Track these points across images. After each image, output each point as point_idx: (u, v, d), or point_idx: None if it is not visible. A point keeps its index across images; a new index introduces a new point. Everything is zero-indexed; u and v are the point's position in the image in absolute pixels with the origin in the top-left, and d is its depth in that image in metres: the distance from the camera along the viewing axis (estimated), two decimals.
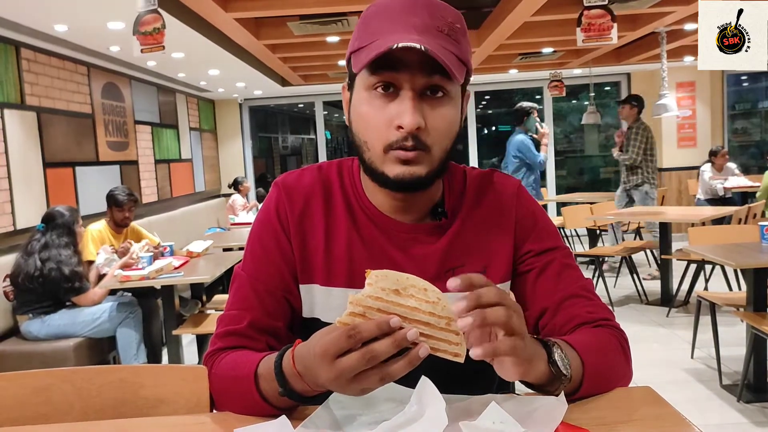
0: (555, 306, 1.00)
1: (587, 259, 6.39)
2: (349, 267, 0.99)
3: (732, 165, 6.92)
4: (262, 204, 1.09)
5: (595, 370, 0.89)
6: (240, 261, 1.07)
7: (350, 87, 0.99)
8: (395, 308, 0.73)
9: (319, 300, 1.01)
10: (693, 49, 6.37)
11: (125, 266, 3.67)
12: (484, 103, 9.61)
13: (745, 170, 7.45)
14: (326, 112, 8.99)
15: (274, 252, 1.01)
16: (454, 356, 0.73)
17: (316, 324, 1.01)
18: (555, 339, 0.88)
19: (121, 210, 4.08)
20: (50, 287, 3.44)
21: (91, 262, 3.85)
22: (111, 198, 4.09)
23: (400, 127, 0.88)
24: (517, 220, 1.04)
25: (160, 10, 3.39)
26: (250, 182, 7.52)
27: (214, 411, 0.99)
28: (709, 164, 6.88)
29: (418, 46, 0.84)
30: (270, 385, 0.86)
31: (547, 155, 5.73)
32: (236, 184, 7.39)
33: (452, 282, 0.73)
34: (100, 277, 3.76)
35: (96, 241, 4.00)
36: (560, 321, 0.99)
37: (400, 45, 0.84)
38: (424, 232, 1.01)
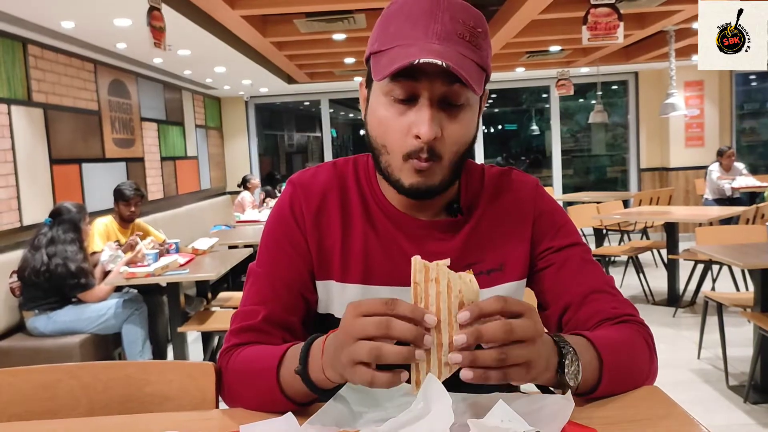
0: (579, 301, 0.99)
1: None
2: (365, 264, 1.00)
3: (740, 165, 6.89)
4: (275, 202, 1.09)
5: (615, 368, 0.88)
6: (254, 260, 1.07)
7: (368, 85, 0.98)
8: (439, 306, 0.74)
9: (335, 296, 1.01)
10: None
11: (131, 263, 3.68)
12: (490, 101, 9.59)
13: (754, 170, 7.41)
14: (332, 110, 9.00)
15: (289, 248, 1.01)
16: (417, 384, 0.73)
17: (330, 320, 1.02)
18: (573, 338, 0.86)
19: (128, 204, 4.10)
20: (56, 283, 3.45)
21: (93, 254, 3.86)
22: (117, 192, 4.11)
23: (417, 136, 0.88)
24: (535, 218, 1.04)
25: (164, 10, 3.41)
26: (257, 179, 7.56)
27: (220, 407, 0.99)
28: (717, 164, 6.84)
29: (438, 62, 0.83)
30: (290, 371, 0.86)
31: None
32: (245, 182, 7.41)
33: (462, 316, 0.72)
34: (106, 273, 3.77)
35: (101, 234, 4.02)
36: (584, 316, 0.98)
37: (421, 61, 0.83)
38: (439, 229, 1.01)
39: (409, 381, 0.74)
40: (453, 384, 0.79)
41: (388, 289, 1.00)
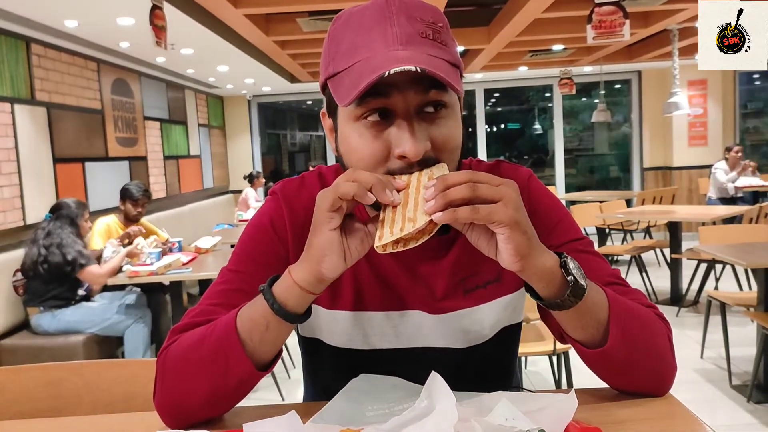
0: None
1: None
2: (356, 289, 0.94)
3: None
4: (256, 211, 1.01)
5: (623, 317, 0.83)
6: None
7: (331, 113, 0.89)
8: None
9: (324, 323, 0.96)
10: None
11: (131, 255, 3.68)
12: (493, 100, 9.57)
13: (757, 169, 7.39)
14: None
15: (267, 261, 0.93)
16: (379, 238, 0.74)
17: (319, 344, 0.98)
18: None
19: (135, 205, 4.11)
20: (54, 271, 3.44)
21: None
22: (125, 192, 4.12)
23: (402, 156, 0.79)
24: (529, 214, 0.93)
25: (167, 9, 3.41)
26: (262, 177, 7.56)
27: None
28: (723, 161, 6.82)
29: (412, 68, 0.74)
30: (249, 307, 0.81)
31: None
32: (251, 178, 7.39)
33: (429, 183, 0.74)
34: None
35: (102, 234, 4.02)
36: None
37: (393, 71, 0.74)
38: (431, 248, 0.90)
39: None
40: (456, 383, 0.79)
41: (383, 314, 0.94)
